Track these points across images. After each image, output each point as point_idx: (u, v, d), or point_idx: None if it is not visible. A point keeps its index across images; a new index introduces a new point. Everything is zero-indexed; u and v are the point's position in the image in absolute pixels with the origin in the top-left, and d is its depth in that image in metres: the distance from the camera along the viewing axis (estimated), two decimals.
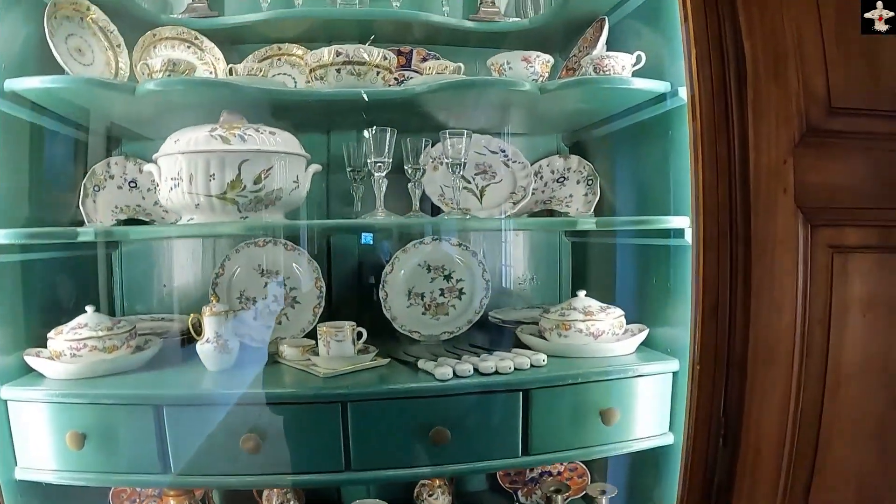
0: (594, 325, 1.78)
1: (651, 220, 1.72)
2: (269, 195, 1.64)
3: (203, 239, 2.12)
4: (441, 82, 1.73)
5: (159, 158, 1.67)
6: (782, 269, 1.60)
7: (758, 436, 1.65)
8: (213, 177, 1.59)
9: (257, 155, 1.62)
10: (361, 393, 1.59)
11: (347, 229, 1.90)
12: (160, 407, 1.56)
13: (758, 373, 1.62)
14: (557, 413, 1.66)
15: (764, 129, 1.60)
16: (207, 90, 1.71)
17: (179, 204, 1.65)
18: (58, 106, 1.78)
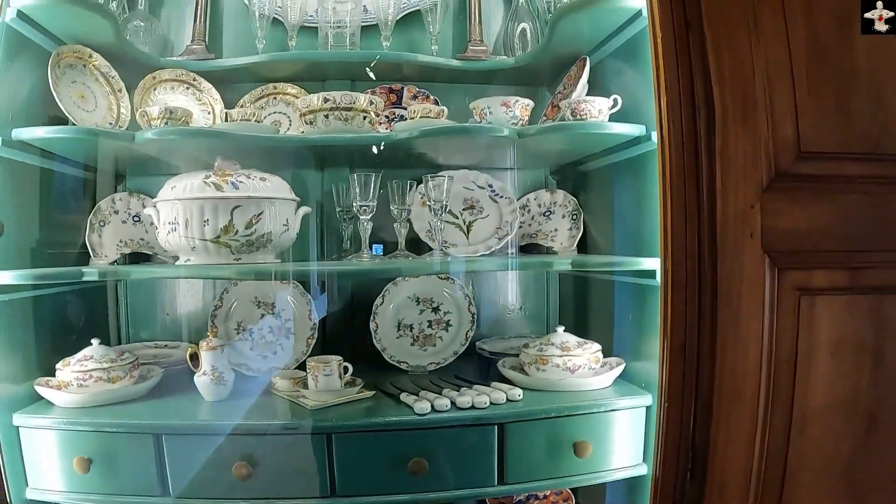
0: (571, 360, 1.93)
1: (623, 261, 1.87)
2: (259, 238, 1.82)
3: None
4: (422, 129, 1.90)
5: (158, 203, 1.85)
6: (748, 310, 1.71)
7: (724, 471, 1.77)
8: (208, 222, 1.77)
9: (248, 201, 1.79)
10: (346, 425, 1.75)
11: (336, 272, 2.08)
12: (160, 435, 1.74)
13: (723, 410, 1.74)
14: (532, 445, 1.81)
15: (731, 175, 1.71)
16: (201, 138, 1.90)
17: (177, 246, 1.84)
18: (63, 150, 1.98)
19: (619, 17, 1.91)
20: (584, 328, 2.15)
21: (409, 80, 2.33)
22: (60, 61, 1.90)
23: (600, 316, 2.21)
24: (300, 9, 2.21)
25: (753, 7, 1.73)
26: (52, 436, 1.77)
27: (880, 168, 1.76)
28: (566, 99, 1.97)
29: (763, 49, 1.72)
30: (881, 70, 1.75)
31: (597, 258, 1.99)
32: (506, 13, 2.42)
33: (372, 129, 2.01)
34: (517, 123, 1.95)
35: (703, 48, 1.73)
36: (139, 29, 2.20)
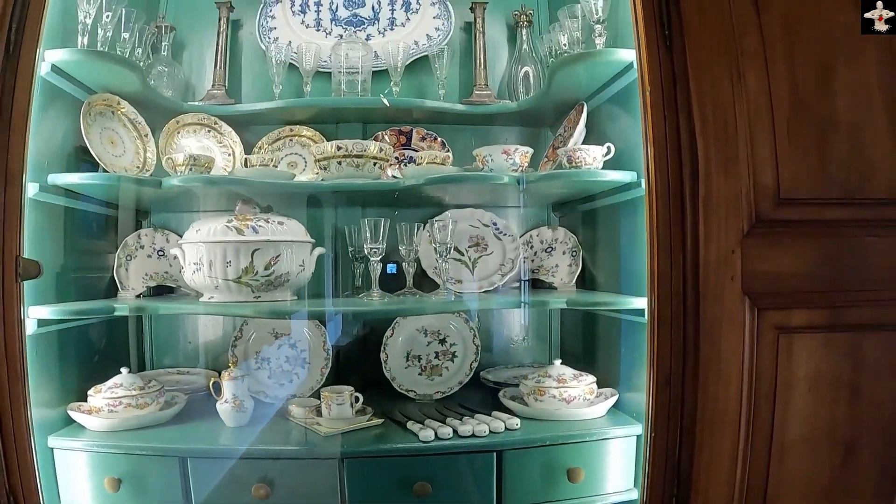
0: (566, 391, 2.18)
1: (614, 301, 2.12)
2: (278, 278, 2.11)
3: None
4: (428, 177, 2.18)
5: (183, 244, 2.14)
6: (729, 348, 1.92)
7: (707, 498, 1.97)
8: (230, 263, 2.06)
9: (267, 244, 2.08)
10: (356, 451, 2.02)
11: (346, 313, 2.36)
12: (185, 458, 2.01)
13: (706, 440, 1.95)
14: (528, 471, 2.07)
15: (714, 221, 1.90)
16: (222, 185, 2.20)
17: (202, 284, 2.13)
18: (94, 193, 2.28)
19: (613, 68, 2.17)
20: (583, 358, 2.43)
21: (418, 123, 2.62)
22: (91, 109, 2.20)
23: (597, 347, 2.47)
24: (315, 55, 2.49)
25: (737, 60, 1.92)
26: (85, 457, 2.05)
27: (857, 212, 1.95)
28: (565, 142, 2.23)
29: (745, 100, 1.91)
30: (858, 117, 1.95)
31: (591, 297, 2.25)
32: (510, 56, 2.71)
33: (382, 174, 2.28)
34: (517, 170, 2.22)
35: (688, 101, 1.92)
36: (162, 74, 2.50)
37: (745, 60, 1.93)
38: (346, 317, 2.61)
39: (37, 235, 2.00)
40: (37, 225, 2.02)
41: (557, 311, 2.78)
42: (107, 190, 2.25)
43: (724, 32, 1.93)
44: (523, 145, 2.21)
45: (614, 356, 2.31)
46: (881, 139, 1.97)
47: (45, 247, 2.05)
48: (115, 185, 2.18)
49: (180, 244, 2.16)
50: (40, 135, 2.01)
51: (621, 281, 2.25)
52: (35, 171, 1.98)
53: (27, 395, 1.91)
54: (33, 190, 1.98)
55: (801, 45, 1.95)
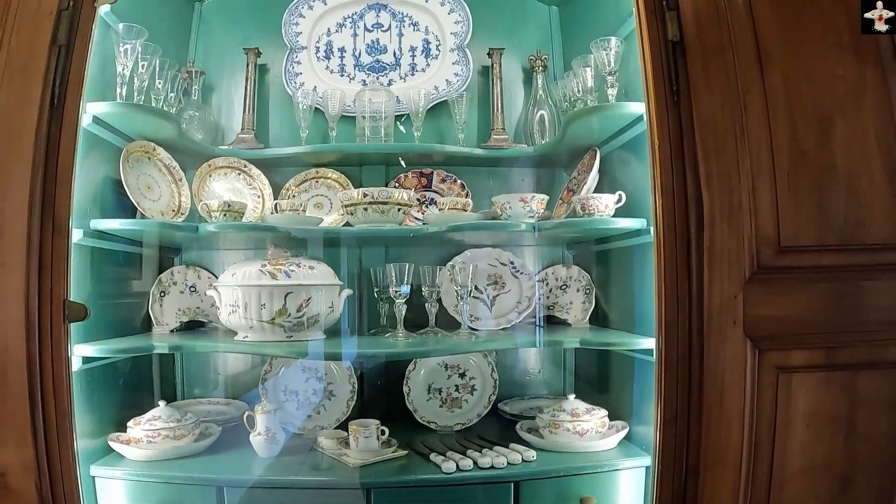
0: (580, 425, 2.47)
1: (625, 341, 2.40)
2: (309, 320, 2.41)
3: None
4: (449, 224, 2.48)
5: (220, 287, 2.44)
6: (731, 387, 2.15)
7: None
8: (264, 306, 2.36)
9: (299, 288, 2.38)
10: (383, 482, 2.31)
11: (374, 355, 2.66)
12: (222, 488, 2.30)
13: (709, 474, 2.19)
14: (543, 501, 2.35)
15: (717, 269, 2.14)
16: (255, 231, 2.51)
17: (237, 325, 2.43)
18: (133, 236, 2.57)
19: (624, 119, 2.45)
20: (596, 391, 2.73)
21: (438, 166, 2.93)
22: (129, 156, 2.51)
23: (609, 381, 2.77)
24: (339, 101, 2.80)
25: (741, 114, 2.14)
26: (124, 486, 2.32)
27: (853, 257, 2.17)
28: (579, 185, 2.52)
29: (748, 153, 2.13)
30: (855, 167, 2.16)
31: (603, 337, 2.53)
32: (525, 99, 3.03)
33: (406, 219, 2.58)
34: (534, 216, 2.50)
35: (694, 154, 2.14)
36: (193, 117, 2.82)
37: (748, 115, 2.15)
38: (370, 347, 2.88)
39: (79, 277, 2.24)
40: (79, 266, 2.26)
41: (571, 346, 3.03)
42: (145, 233, 2.56)
43: (729, 88, 2.15)
44: (539, 189, 2.54)
45: (625, 390, 2.59)
46: (877, 187, 2.16)
47: (86, 287, 2.33)
48: (152, 233, 2.49)
49: (216, 286, 2.46)
50: (82, 181, 2.24)
51: (633, 319, 2.52)
52: (78, 217, 2.21)
53: (73, 429, 2.15)
54: (78, 236, 2.22)
55: (802, 100, 2.15)
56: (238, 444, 2.55)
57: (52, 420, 2.14)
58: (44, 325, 2.11)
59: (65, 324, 2.15)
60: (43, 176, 2.11)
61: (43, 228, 2.12)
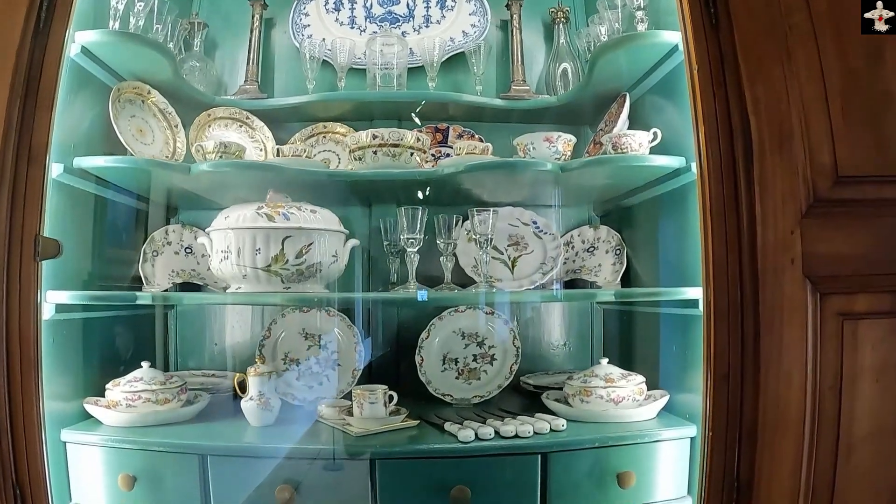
0: (615, 391, 2.04)
1: (665, 291, 2.00)
2: (309, 268, 1.99)
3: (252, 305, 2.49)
4: (467, 164, 2.07)
5: (211, 232, 2.04)
6: (791, 338, 1.78)
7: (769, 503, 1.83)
8: (259, 251, 1.95)
9: (299, 231, 1.97)
10: (390, 452, 1.88)
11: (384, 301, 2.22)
12: (205, 456, 1.88)
13: (767, 439, 1.80)
14: (575, 476, 1.91)
15: (770, 202, 1.80)
16: (254, 172, 2.10)
17: (229, 274, 2.01)
18: (120, 180, 2.19)
19: (657, 52, 2.09)
20: (629, 363, 2.25)
21: (454, 120, 2.53)
22: (121, 96, 2.13)
23: (644, 350, 2.33)
24: (349, 51, 2.43)
25: (786, 37, 1.84)
26: (99, 453, 1.93)
27: None
28: (607, 134, 2.14)
29: (797, 81, 1.82)
30: None
31: (641, 289, 2.11)
32: (547, 54, 2.64)
33: (419, 166, 2.19)
34: (560, 158, 2.12)
35: (738, 80, 1.83)
36: (194, 69, 2.44)
37: (793, 38, 1.85)
38: (380, 318, 2.50)
39: (60, 219, 1.93)
40: (60, 209, 1.94)
41: (599, 315, 2.64)
42: (134, 176, 2.14)
43: (771, 10, 1.85)
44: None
45: (663, 357, 2.17)
46: None
47: (68, 233, 1.95)
48: (142, 172, 2.07)
49: (208, 231, 2.05)
50: (68, 118, 1.95)
51: (670, 276, 2.10)
52: (62, 154, 1.93)
53: (40, 383, 1.82)
54: (58, 170, 1.92)
55: (850, 22, 1.85)
56: (229, 415, 2.15)
57: (15, 369, 1.79)
58: (12, 262, 1.79)
59: (35, 261, 1.82)
60: (22, 102, 1.81)
61: (18, 157, 1.81)
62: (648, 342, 2.32)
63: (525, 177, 2.17)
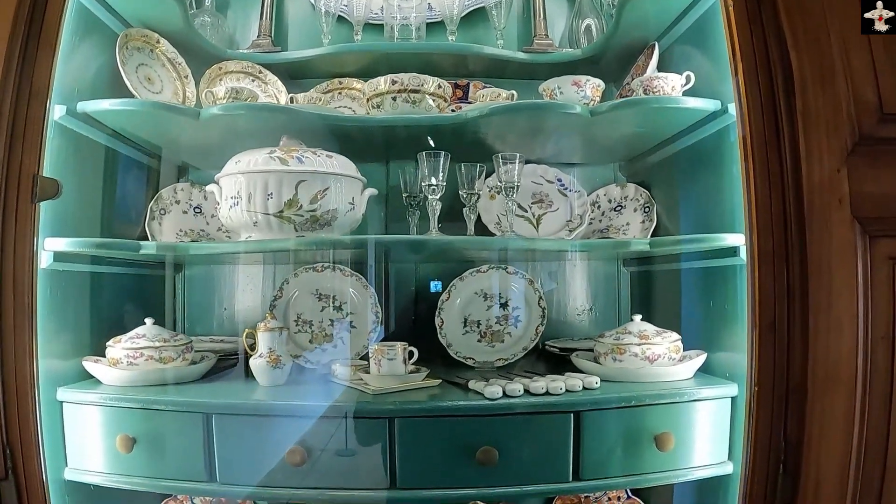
0: (650, 349, 1.85)
1: (704, 237, 1.81)
2: (324, 215, 1.83)
3: (264, 265, 2.34)
4: (492, 106, 1.90)
5: (221, 178, 1.88)
6: (841, 284, 1.61)
7: (819, 464, 1.64)
8: (271, 196, 1.79)
9: (314, 176, 1.81)
10: (410, 409, 1.69)
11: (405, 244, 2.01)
12: (210, 415, 1.71)
13: (818, 395, 1.63)
14: (610, 437, 1.72)
15: (814, 139, 1.64)
16: (267, 115, 1.93)
17: (238, 222, 1.85)
18: (127, 128, 2.03)
19: None
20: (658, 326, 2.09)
21: (475, 76, 2.36)
22: (128, 43, 1.98)
23: (675, 312, 2.13)
24: (365, 5, 2.27)
25: None
26: (97, 412, 1.77)
27: None
28: (637, 79, 1.99)
29: (837, 15, 1.68)
30: None
31: (677, 237, 1.92)
32: (569, 10, 2.46)
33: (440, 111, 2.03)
34: (588, 104, 1.94)
35: (776, 14, 1.70)
36: (205, 24, 2.29)
37: None
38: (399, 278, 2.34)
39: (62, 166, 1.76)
40: (63, 154, 1.78)
41: (626, 278, 2.46)
42: (140, 122, 1.96)
43: None
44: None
45: (698, 316, 1.99)
46: None
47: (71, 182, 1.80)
48: (148, 117, 1.89)
49: (217, 178, 1.88)
50: (73, 63, 1.81)
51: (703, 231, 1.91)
52: (66, 98, 1.77)
53: (34, 335, 1.68)
54: (60, 112, 1.76)
55: None
56: (237, 376, 2.00)
57: (9, 319, 1.65)
58: (8, 204, 1.66)
59: (33, 203, 1.68)
60: (25, 38, 1.68)
61: (19, 94, 1.68)
62: (680, 303, 2.13)
63: (552, 123, 1.99)
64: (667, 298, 2.22)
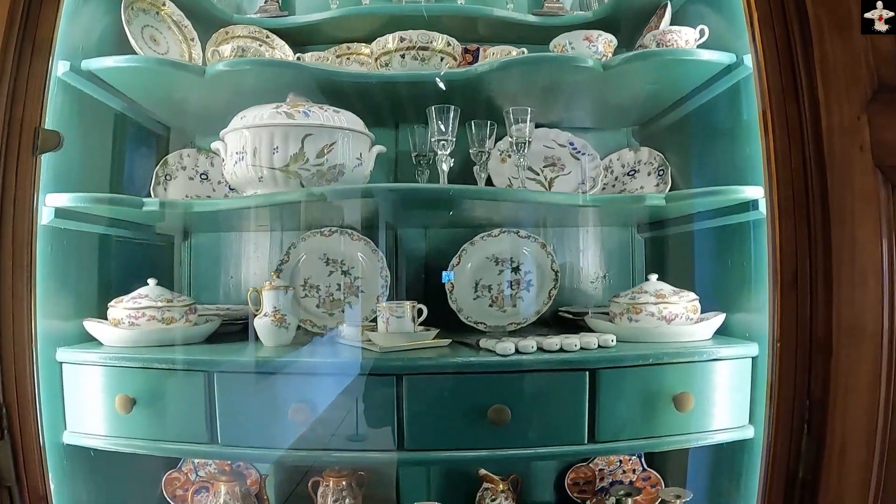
0: (666, 308, 1.78)
1: (722, 189, 1.74)
2: (331, 169, 1.76)
3: (270, 231, 2.30)
4: (503, 60, 1.84)
5: (226, 134, 1.82)
6: (864, 234, 1.53)
7: (844, 424, 1.55)
8: (277, 150, 1.73)
9: (320, 130, 1.75)
10: (418, 366, 1.62)
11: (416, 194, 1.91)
12: (211, 374, 1.66)
13: (842, 352, 1.54)
14: (627, 397, 1.65)
15: (833, 87, 1.57)
16: (274, 72, 1.88)
17: (243, 178, 1.79)
18: (134, 91, 1.99)
19: None
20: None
21: (484, 41, 2.29)
22: (133, 4, 1.93)
23: (692, 275, 2.05)
24: None
25: None
26: (97, 373, 1.72)
27: None
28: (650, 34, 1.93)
29: None
30: None
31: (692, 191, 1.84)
32: None
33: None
34: (600, 59, 1.88)
35: None
36: None
37: None
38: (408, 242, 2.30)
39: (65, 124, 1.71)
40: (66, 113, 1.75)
41: (640, 244, 2.39)
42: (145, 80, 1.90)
43: None
44: None
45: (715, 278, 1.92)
46: None
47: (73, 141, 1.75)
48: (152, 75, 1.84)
49: (222, 134, 1.82)
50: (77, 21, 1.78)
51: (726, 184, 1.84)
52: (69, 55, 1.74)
53: (33, 290, 1.63)
54: (64, 68, 1.73)
55: None
56: (242, 338, 1.94)
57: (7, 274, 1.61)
58: (9, 157, 1.61)
59: (34, 156, 1.64)
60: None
61: (22, 47, 1.64)
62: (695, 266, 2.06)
63: (563, 79, 1.92)
64: (682, 262, 2.14)
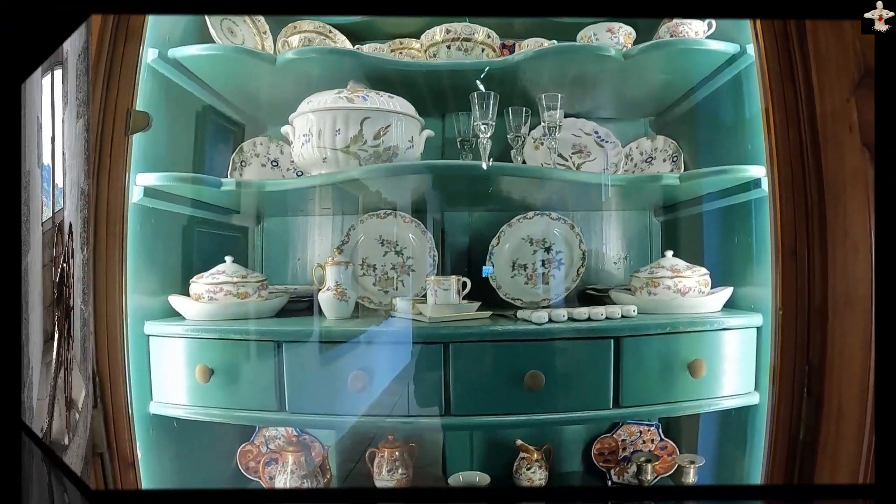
0: (681, 281, 1.98)
1: (729, 168, 1.93)
2: (386, 150, 1.99)
3: (333, 216, 2.52)
4: (536, 50, 2.08)
5: (294, 119, 2.05)
6: (855, 208, 1.69)
7: (840, 386, 1.72)
8: (339, 132, 1.96)
9: (377, 113, 1.98)
10: (463, 334, 1.82)
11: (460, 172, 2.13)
12: (280, 343, 1.86)
13: (837, 318, 1.72)
14: (647, 363, 1.85)
15: (826, 74, 1.76)
16: (336, 59, 2.14)
17: (309, 159, 2.02)
18: (213, 78, 2.22)
19: None
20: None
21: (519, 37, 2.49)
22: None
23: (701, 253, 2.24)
24: None
25: None
26: (179, 345, 1.92)
27: None
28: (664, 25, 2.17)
29: None
30: None
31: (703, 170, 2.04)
32: None
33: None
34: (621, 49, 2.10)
35: None
36: None
37: None
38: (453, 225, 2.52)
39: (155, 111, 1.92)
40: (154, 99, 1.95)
41: (658, 228, 2.59)
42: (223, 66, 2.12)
43: None
44: None
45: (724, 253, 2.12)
46: None
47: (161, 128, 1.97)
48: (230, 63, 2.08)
49: (291, 118, 2.06)
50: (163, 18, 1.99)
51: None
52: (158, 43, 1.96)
53: (124, 265, 1.84)
54: (153, 55, 1.94)
55: None
56: (307, 312, 2.16)
57: (101, 247, 1.81)
58: (105, 137, 1.82)
59: (126, 136, 1.85)
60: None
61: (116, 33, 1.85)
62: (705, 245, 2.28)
63: (588, 68, 2.16)
64: (694, 241, 2.34)
